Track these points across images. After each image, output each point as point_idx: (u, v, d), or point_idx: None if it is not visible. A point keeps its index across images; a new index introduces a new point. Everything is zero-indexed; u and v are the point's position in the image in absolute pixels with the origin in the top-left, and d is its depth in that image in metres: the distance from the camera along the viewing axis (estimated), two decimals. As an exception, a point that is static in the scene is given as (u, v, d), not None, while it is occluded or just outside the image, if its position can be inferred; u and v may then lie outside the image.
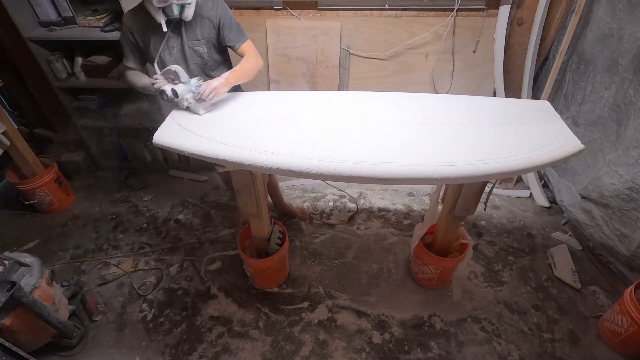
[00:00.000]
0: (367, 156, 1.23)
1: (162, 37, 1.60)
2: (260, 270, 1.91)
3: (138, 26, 1.61)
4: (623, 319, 1.64)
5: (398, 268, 2.14)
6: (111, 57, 2.46)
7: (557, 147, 1.27)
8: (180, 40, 1.64)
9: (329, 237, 2.33)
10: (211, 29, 1.65)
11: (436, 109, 1.54)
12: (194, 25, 1.62)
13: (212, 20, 1.63)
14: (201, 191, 2.74)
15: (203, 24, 1.63)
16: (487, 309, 1.93)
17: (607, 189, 1.87)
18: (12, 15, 2.13)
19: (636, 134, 1.73)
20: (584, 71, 2.12)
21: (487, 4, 2.26)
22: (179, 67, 1.49)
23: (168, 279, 2.11)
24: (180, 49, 1.66)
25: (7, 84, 2.49)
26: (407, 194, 2.67)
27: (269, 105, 1.59)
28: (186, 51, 1.66)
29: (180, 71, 1.48)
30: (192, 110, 1.53)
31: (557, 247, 2.22)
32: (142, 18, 1.58)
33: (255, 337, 1.83)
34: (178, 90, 1.48)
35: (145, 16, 1.55)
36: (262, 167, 1.24)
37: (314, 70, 2.57)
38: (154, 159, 2.87)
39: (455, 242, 1.88)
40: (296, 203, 2.59)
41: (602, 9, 1.97)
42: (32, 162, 2.34)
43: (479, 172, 1.19)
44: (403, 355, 1.75)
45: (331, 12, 2.38)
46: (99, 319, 1.91)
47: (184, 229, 2.43)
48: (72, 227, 2.46)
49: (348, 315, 1.92)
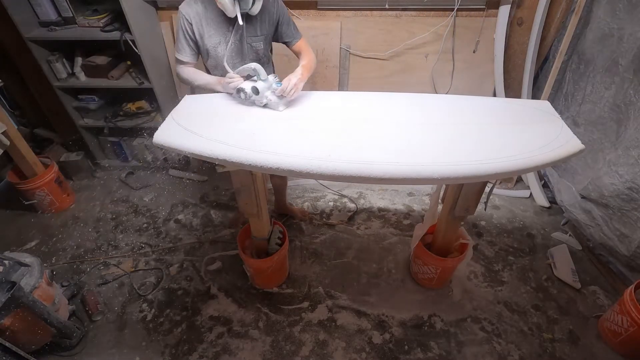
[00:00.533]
0: (367, 156, 1.22)
1: (221, 31, 1.58)
2: (260, 270, 1.91)
3: (195, 18, 1.57)
4: (623, 319, 1.64)
5: (398, 268, 2.14)
6: (111, 57, 2.46)
7: (557, 147, 1.27)
8: (239, 35, 1.61)
9: (329, 237, 2.33)
10: (270, 25, 1.64)
11: (436, 109, 1.54)
12: (254, 20, 1.59)
13: (271, 16, 1.62)
14: (201, 191, 2.74)
15: (263, 20, 1.61)
16: (487, 309, 1.93)
17: (607, 189, 1.87)
18: (12, 15, 2.13)
19: (636, 134, 1.73)
20: (584, 71, 2.12)
21: (487, 4, 2.26)
22: (258, 65, 1.48)
23: (168, 279, 2.11)
24: (238, 44, 1.64)
25: (7, 84, 2.49)
26: (407, 194, 2.67)
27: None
28: (244, 47, 1.65)
29: (260, 69, 1.48)
30: (270, 107, 1.53)
31: (557, 247, 2.22)
32: (200, 10, 1.56)
33: (255, 337, 1.83)
34: (259, 87, 1.47)
35: (203, 8, 1.54)
36: (262, 167, 1.24)
37: (314, 70, 2.56)
38: (154, 159, 2.86)
39: (455, 242, 1.88)
40: (296, 203, 2.59)
41: (602, 9, 1.97)
42: (32, 162, 2.34)
43: (479, 172, 1.19)
44: (403, 355, 1.75)
45: (331, 12, 2.38)
46: (99, 319, 1.91)
47: (184, 229, 2.43)
48: (72, 227, 2.46)
49: (348, 315, 1.92)
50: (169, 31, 2.49)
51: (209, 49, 1.64)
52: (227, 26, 1.59)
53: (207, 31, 1.60)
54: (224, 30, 1.60)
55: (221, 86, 1.61)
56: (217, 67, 1.71)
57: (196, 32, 1.60)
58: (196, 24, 1.58)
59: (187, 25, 1.58)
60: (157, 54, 2.45)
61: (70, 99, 2.57)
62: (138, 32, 2.20)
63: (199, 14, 1.57)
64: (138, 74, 2.45)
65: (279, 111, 1.52)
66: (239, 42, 1.64)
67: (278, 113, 1.51)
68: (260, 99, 1.51)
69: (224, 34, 1.61)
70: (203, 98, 1.62)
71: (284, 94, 1.49)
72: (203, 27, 1.59)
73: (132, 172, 2.88)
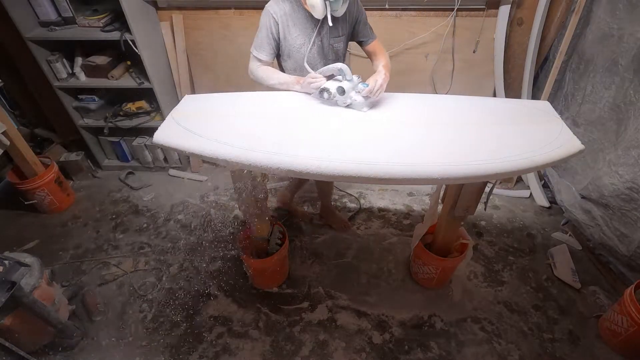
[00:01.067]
0: (367, 156, 1.22)
1: (306, 32, 1.57)
2: (260, 270, 1.91)
3: (283, 17, 1.55)
4: (623, 319, 1.64)
5: (398, 268, 2.14)
6: (111, 57, 2.46)
7: (557, 148, 1.27)
8: (322, 36, 1.59)
9: (329, 237, 2.33)
10: (349, 25, 1.62)
11: (436, 109, 1.54)
12: (336, 21, 1.56)
13: (352, 15, 1.60)
14: (201, 191, 2.74)
15: (344, 20, 1.58)
16: (487, 309, 1.93)
17: (607, 189, 1.88)
18: (12, 15, 2.13)
19: (636, 134, 1.72)
20: (584, 71, 2.12)
21: (487, 4, 2.26)
22: (344, 65, 1.47)
23: (168, 279, 2.11)
24: (320, 44, 1.62)
25: (7, 84, 2.48)
26: (407, 194, 2.67)
27: (269, 105, 1.59)
28: (325, 47, 1.63)
29: (346, 69, 1.47)
30: (354, 107, 1.52)
31: (557, 247, 2.22)
32: (287, 9, 1.55)
33: (255, 337, 1.83)
34: (345, 87, 1.46)
35: (291, 8, 1.53)
36: (262, 167, 1.24)
37: (314, 70, 2.56)
38: (154, 159, 2.87)
39: (455, 242, 1.88)
40: (296, 202, 2.59)
41: (602, 9, 1.97)
42: (32, 162, 2.34)
43: (479, 172, 1.19)
44: (403, 355, 1.75)
45: (331, 12, 2.38)
46: (99, 319, 1.91)
47: (184, 229, 2.43)
48: (72, 227, 2.46)
49: (348, 315, 1.92)
50: (169, 31, 2.49)
51: (291, 49, 1.62)
52: (312, 27, 1.57)
53: (292, 32, 1.58)
54: (309, 31, 1.58)
55: (300, 86, 1.59)
56: (296, 69, 1.69)
57: (281, 32, 1.58)
58: (282, 24, 1.56)
59: (273, 24, 1.56)
60: (157, 54, 2.46)
61: (70, 99, 2.57)
62: (138, 32, 2.20)
63: (286, 14, 1.55)
64: (138, 74, 2.45)
65: (363, 112, 1.50)
66: (321, 42, 1.62)
67: (278, 113, 1.51)
68: (345, 99, 1.49)
69: (308, 34, 1.59)
70: (203, 98, 1.62)
71: (370, 95, 1.47)
72: (289, 28, 1.57)
73: (132, 172, 2.88)
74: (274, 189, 2.70)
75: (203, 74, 2.68)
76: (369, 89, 1.47)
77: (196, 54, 2.59)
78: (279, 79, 1.64)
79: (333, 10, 1.45)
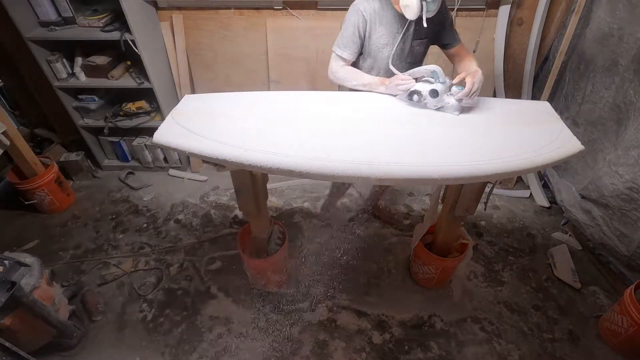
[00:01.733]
0: (367, 156, 1.22)
1: (392, 32, 1.54)
2: (260, 270, 1.91)
3: (371, 15, 1.52)
4: (623, 319, 1.64)
5: (398, 268, 2.14)
6: (111, 57, 2.46)
7: (557, 148, 1.27)
8: (406, 37, 1.57)
9: (329, 237, 2.33)
10: (434, 27, 1.57)
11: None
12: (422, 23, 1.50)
13: (438, 18, 1.54)
14: (201, 191, 2.74)
15: (430, 22, 1.49)
16: (487, 309, 1.93)
17: (607, 189, 1.88)
18: (12, 15, 2.13)
19: (636, 134, 1.73)
20: (584, 71, 2.12)
21: (487, 4, 2.26)
22: (438, 67, 1.43)
23: (168, 279, 2.11)
24: (403, 46, 1.59)
25: (7, 84, 2.48)
26: (407, 194, 2.67)
27: (269, 106, 1.59)
28: (406, 49, 1.60)
29: (440, 71, 1.43)
30: (445, 110, 1.47)
31: (557, 247, 2.22)
32: (376, 7, 1.52)
33: (255, 337, 1.83)
34: (438, 90, 1.42)
35: (380, 6, 1.51)
36: (262, 167, 1.24)
37: (314, 70, 2.56)
38: (154, 159, 2.87)
39: (455, 242, 1.88)
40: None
41: (602, 9, 1.97)
42: (32, 162, 2.34)
43: (479, 172, 1.19)
44: (403, 356, 1.75)
45: (331, 12, 2.38)
46: (99, 319, 1.91)
47: (184, 229, 2.43)
48: (72, 227, 2.46)
49: (348, 315, 1.92)
50: (169, 31, 2.49)
51: (373, 49, 1.60)
52: (398, 27, 1.55)
53: (378, 30, 1.55)
54: (394, 32, 1.55)
55: (384, 87, 1.57)
56: (373, 68, 1.67)
57: (367, 29, 1.55)
58: (370, 22, 1.54)
59: (362, 21, 1.53)
60: (157, 54, 2.45)
61: (70, 99, 2.57)
62: (138, 32, 2.20)
63: (375, 12, 1.53)
64: (138, 74, 2.45)
65: (455, 115, 1.45)
66: (404, 44, 1.59)
67: (278, 113, 1.51)
68: (436, 102, 1.46)
69: (394, 35, 1.56)
70: (203, 98, 1.62)
71: (466, 98, 1.42)
72: (375, 26, 1.55)
73: (132, 172, 2.88)
74: (274, 188, 2.70)
75: (203, 74, 2.68)
76: (464, 92, 1.41)
77: (196, 54, 2.59)
78: (362, 80, 1.61)
79: (429, 9, 1.41)
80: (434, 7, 1.42)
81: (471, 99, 1.45)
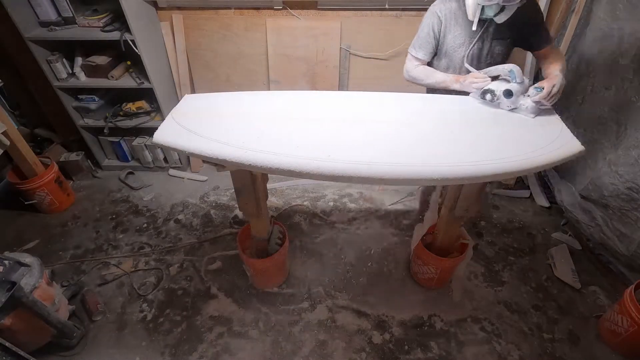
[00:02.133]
0: (367, 156, 1.22)
1: (468, 31, 1.53)
2: (260, 270, 1.91)
3: (448, 15, 1.53)
4: (623, 319, 1.64)
5: (398, 268, 2.14)
6: (111, 57, 2.46)
7: (557, 149, 1.27)
8: (482, 38, 1.55)
9: (329, 237, 2.33)
10: (520, 27, 1.52)
11: (436, 109, 1.54)
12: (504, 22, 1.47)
13: (523, 19, 1.48)
14: (201, 191, 2.74)
15: (513, 23, 1.46)
16: (487, 309, 1.93)
17: (607, 189, 1.88)
18: (12, 15, 2.13)
19: (636, 134, 1.73)
20: (584, 71, 2.12)
21: (488, 4, 2.25)
22: (516, 66, 1.40)
23: (168, 279, 2.11)
24: (480, 46, 1.57)
25: (7, 84, 2.48)
26: (407, 194, 2.67)
27: (269, 106, 1.59)
28: (484, 49, 1.57)
29: (518, 71, 1.40)
30: (520, 112, 1.44)
31: (557, 247, 2.22)
32: (453, 7, 1.53)
33: (255, 337, 1.83)
34: (513, 90, 1.39)
35: (457, 6, 1.52)
36: (262, 167, 1.24)
37: (314, 70, 2.57)
38: (154, 159, 2.87)
39: (455, 242, 1.88)
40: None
41: (602, 9, 1.97)
42: (32, 162, 2.34)
43: (478, 172, 1.19)
44: (403, 355, 1.75)
45: (331, 12, 2.38)
46: (99, 319, 1.91)
47: (184, 229, 2.43)
48: (72, 227, 2.46)
49: (348, 315, 1.92)
50: (169, 31, 2.49)
51: (449, 48, 1.60)
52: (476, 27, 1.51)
53: (454, 30, 1.55)
54: (470, 32, 1.53)
55: (459, 84, 1.57)
56: (449, 68, 1.66)
57: (442, 30, 1.57)
58: (445, 21, 1.55)
59: (437, 22, 1.55)
60: (157, 54, 2.46)
61: (70, 99, 2.57)
62: (138, 32, 2.20)
63: (452, 12, 1.54)
64: (138, 74, 2.45)
65: (531, 117, 1.42)
66: (482, 44, 1.57)
67: (278, 113, 1.51)
68: (510, 103, 1.42)
69: (470, 35, 1.54)
70: (203, 97, 1.62)
71: (543, 100, 1.38)
72: (451, 26, 1.55)
73: (132, 172, 2.88)
74: (274, 188, 2.70)
75: (203, 74, 2.68)
76: (543, 95, 1.37)
77: (196, 54, 2.59)
78: (436, 78, 1.63)
79: (486, 15, 1.41)
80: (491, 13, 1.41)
81: (550, 102, 1.40)
